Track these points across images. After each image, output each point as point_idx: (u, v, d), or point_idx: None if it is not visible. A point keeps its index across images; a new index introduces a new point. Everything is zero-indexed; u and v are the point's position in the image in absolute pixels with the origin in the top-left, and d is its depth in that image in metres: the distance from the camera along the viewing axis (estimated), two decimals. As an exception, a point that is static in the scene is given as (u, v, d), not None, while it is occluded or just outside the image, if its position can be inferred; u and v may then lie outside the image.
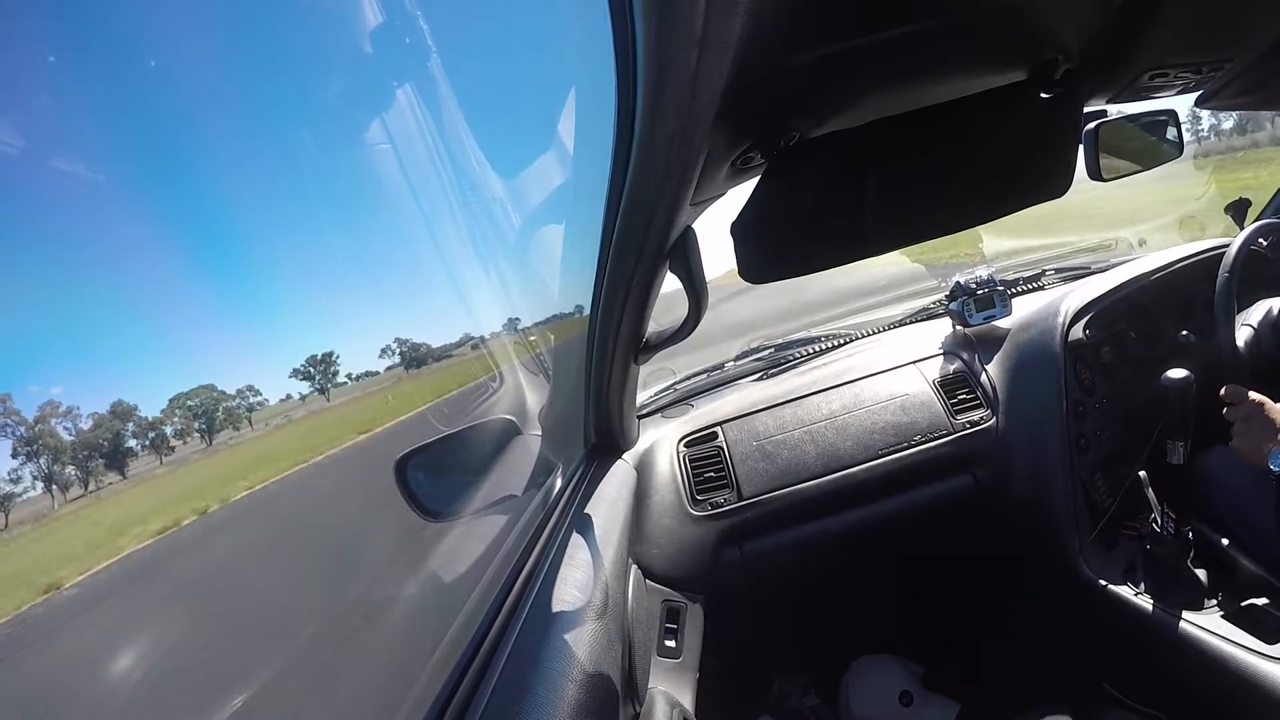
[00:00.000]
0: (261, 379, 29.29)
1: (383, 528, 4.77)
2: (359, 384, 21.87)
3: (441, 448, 1.08)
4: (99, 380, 44.76)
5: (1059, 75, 0.74)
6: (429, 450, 1.04)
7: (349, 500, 6.72)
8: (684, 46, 0.42)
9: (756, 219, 0.74)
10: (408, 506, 0.98)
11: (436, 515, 1.04)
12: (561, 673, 0.62)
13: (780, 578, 1.26)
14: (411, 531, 4.29)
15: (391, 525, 4.59)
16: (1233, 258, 1.13)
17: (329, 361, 22.49)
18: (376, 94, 2.08)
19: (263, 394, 19.34)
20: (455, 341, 18.58)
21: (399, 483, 0.99)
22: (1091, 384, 1.18)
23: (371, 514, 5.33)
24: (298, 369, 22.18)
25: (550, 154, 1.19)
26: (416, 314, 64.06)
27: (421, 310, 64.06)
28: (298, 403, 21.16)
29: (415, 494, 0.98)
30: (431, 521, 0.98)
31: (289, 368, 22.61)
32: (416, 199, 2.00)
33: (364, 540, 4.78)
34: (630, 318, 0.88)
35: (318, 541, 5.55)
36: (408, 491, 0.98)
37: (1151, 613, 0.95)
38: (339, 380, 21.63)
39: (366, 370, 23.31)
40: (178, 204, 36.96)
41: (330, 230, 66.46)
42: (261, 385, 22.27)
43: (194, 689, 2.92)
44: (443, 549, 3.93)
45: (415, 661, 2.73)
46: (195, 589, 5.43)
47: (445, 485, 1.03)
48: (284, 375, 22.71)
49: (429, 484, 1.00)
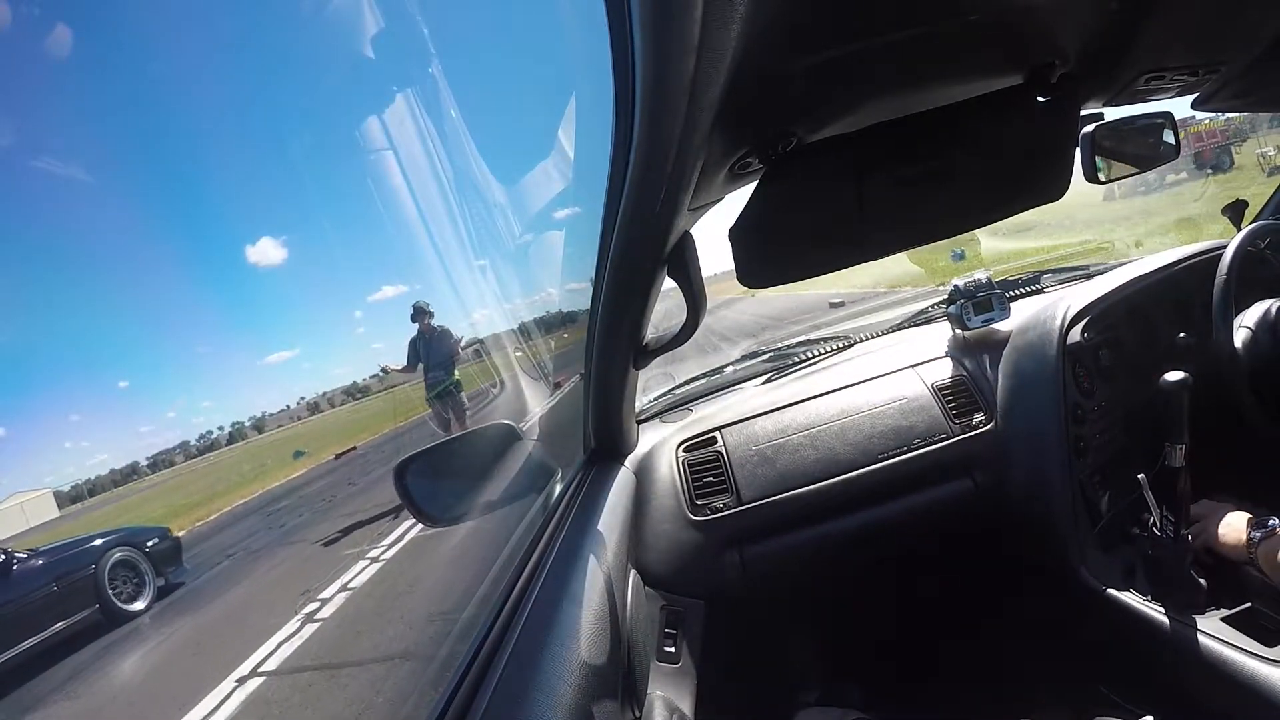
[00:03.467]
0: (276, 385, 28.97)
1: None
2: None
3: (441, 453, 1.08)
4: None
5: (1055, 79, 0.74)
6: (429, 455, 1.04)
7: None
8: (682, 54, 0.42)
9: (755, 224, 0.74)
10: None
11: (436, 520, 1.04)
12: (561, 677, 0.62)
13: (780, 582, 1.26)
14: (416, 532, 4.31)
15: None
16: (1230, 259, 1.13)
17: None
18: (377, 102, 2.10)
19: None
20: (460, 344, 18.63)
21: (399, 488, 0.99)
22: (1090, 387, 1.18)
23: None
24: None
25: (550, 160, 1.20)
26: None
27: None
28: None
29: (415, 499, 0.98)
30: (431, 527, 0.98)
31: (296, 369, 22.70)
32: (418, 205, 2.01)
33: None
34: (629, 322, 0.88)
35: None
36: (408, 497, 0.98)
37: (1151, 616, 0.95)
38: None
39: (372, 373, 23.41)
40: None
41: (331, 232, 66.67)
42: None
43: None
44: (442, 554, 3.93)
45: (414, 666, 2.72)
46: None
47: (445, 490, 1.03)
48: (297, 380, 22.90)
49: (429, 489, 1.00)
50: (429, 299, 5.78)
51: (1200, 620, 0.90)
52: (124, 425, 43.78)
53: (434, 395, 5.75)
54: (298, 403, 27.94)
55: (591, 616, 0.73)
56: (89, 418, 40.73)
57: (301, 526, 6.37)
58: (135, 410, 50.38)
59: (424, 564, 3.91)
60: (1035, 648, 1.29)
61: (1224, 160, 11.97)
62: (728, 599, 1.18)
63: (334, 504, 6.89)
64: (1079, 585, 1.06)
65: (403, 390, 8.23)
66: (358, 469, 9.15)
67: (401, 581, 3.69)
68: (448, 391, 5.76)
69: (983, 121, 0.76)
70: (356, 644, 2.97)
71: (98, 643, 4.14)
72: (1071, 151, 0.83)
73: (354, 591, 3.43)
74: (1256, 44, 0.80)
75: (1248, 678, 0.82)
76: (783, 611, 1.38)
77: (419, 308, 5.64)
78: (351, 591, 3.44)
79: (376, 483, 7.17)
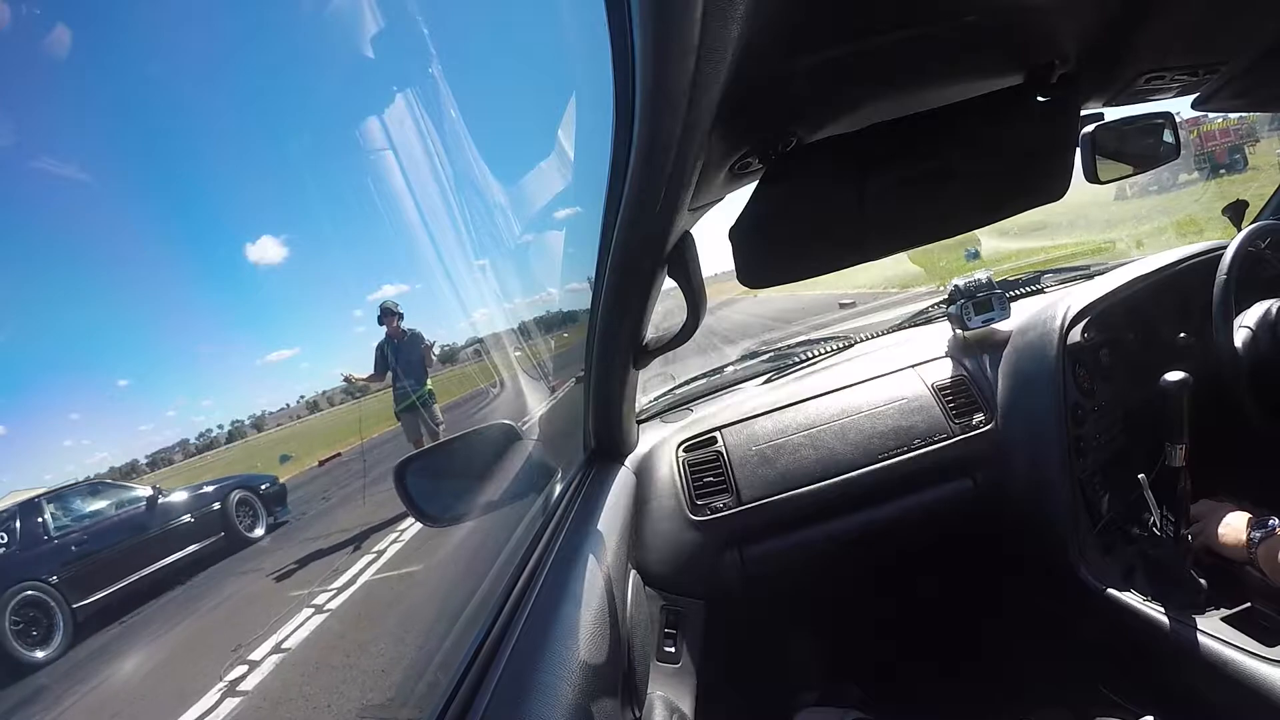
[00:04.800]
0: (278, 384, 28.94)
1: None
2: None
3: (442, 453, 1.08)
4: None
5: (1055, 79, 0.74)
6: (429, 455, 1.04)
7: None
8: (682, 54, 0.42)
9: (755, 224, 0.74)
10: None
11: (436, 520, 1.04)
12: (561, 678, 0.62)
13: (780, 582, 1.26)
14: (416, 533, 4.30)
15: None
16: (1230, 259, 1.13)
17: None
18: (377, 102, 2.11)
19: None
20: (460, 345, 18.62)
21: (399, 488, 0.99)
22: (1090, 387, 1.18)
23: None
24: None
25: (550, 160, 1.21)
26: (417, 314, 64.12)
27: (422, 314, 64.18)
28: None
29: (415, 499, 0.98)
30: (431, 526, 0.98)
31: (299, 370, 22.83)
32: (418, 204, 2.01)
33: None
34: (629, 322, 0.88)
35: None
36: (408, 497, 0.98)
37: (1151, 616, 0.95)
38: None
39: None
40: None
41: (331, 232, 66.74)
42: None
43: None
44: (442, 554, 3.93)
45: (414, 666, 2.72)
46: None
47: (445, 490, 1.03)
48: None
49: (429, 489, 1.01)
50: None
51: (1200, 620, 0.90)
52: (124, 423, 43.92)
53: (403, 408, 5.13)
54: (297, 401, 28.06)
55: (591, 616, 0.73)
56: (89, 416, 40.92)
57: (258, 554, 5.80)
58: (135, 408, 50.29)
59: (423, 564, 3.91)
60: (1035, 647, 1.29)
61: (1237, 160, 11.91)
62: (728, 599, 1.18)
63: (297, 525, 6.28)
64: (1079, 585, 1.06)
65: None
66: (335, 481, 8.34)
67: (399, 585, 3.70)
68: (419, 403, 5.11)
69: (983, 122, 0.76)
70: (355, 646, 2.97)
71: (229, 559, 5.49)
72: (1071, 151, 0.83)
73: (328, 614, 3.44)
74: (1256, 44, 0.80)
75: (1248, 677, 0.82)
76: (783, 611, 1.38)
77: (386, 308, 5.05)
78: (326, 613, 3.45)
79: (346, 500, 6.70)
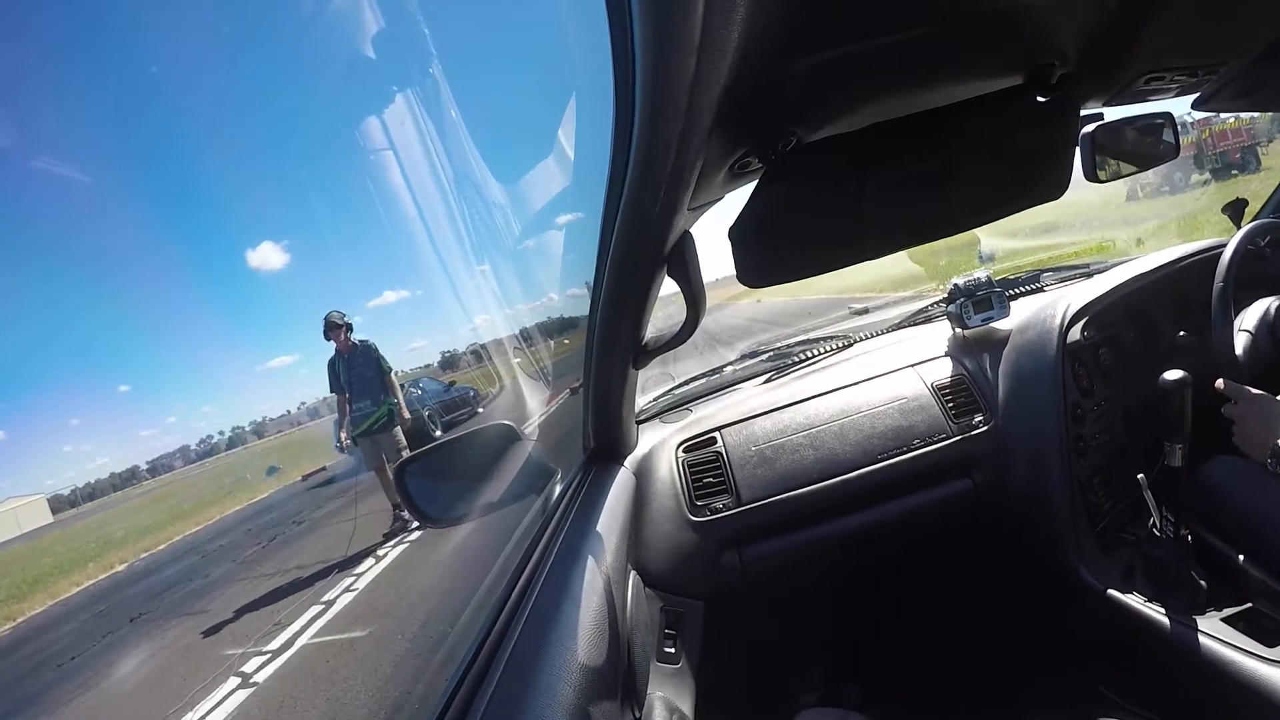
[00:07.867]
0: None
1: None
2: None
3: (441, 454, 1.08)
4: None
5: (1055, 79, 0.74)
6: (429, 456, 1.03)
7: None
8: (682, 54, 0.42)
9: (755, 223, 0.74)
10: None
11: (436, 521, 1.04)
12: (560, 679, 0.62)
13: (780, 583, 1.26)
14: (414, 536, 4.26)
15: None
16: (1229, 258, 1.13)
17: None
18: (378, 104, 2.11)
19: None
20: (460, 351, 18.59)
21: (398, 488, 0.99)
22: (1090, 386, 1.18)
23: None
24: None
25: (549, 160, 1.21)
26: (417, 318, 64.03)
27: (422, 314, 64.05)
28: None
29: (414, 500, 0.98)
30: (431, 527, 0.98)
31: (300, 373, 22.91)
32: (419, 207, 2.01)
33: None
34: (629, 322, 0.88)
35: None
36: (407, 497, 0.98)
37: (1150, 616, 0.95)
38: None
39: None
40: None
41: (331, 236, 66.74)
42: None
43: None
44: (442, 555, 3.93)
45: (413, 668, 2.72)
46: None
47: (445, 491, 1.03)
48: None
49: (429, 490, 1.00)
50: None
51: (1200, 620, 0.90)
52: (124, 429, 43.86)
53: (360, 432, 4.45)
54: (298, 407, 28.04)
55: (591, 617, 0.73)
56: (90, 422, 40.90)
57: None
58: (136, 414, 50.36)
59: (423, 564, 3.91)
60: (1035, 648, 1.29)
61: (1250, 160, 11.89)
62: (727, 599, 1.17)
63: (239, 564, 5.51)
64: (1079, 585, 1.06)
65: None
66: (310, 502, 7.86)
67: (399, 586, 3.69)
68: (376, 427, 4.42)
69: (983, 122, 0.76)
70: (351, 649, 2.97)
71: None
72: (1071, 152, 0.83)
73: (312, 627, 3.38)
74: (1256, 44, 0.80)
75: (1248, 678, 0.82)
76: (782, 612, 1.38)
77: (330, 320, 4.30)
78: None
79: (318, 525, 6.25)
